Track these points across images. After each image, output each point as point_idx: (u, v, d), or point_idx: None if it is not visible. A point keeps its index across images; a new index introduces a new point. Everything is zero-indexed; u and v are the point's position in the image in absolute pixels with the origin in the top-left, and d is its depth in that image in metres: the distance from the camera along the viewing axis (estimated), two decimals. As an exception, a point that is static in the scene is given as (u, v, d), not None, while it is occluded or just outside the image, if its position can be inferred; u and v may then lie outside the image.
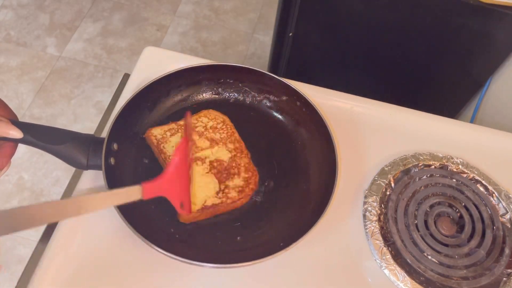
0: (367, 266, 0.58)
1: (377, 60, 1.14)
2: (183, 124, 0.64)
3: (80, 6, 1.97)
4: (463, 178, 0.66)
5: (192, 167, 0.59)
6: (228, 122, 0.66)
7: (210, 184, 0.59)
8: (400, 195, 0.64)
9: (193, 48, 1.89)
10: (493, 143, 0.73)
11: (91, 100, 1.69)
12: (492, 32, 0.96)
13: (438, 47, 1.04)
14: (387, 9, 0.99)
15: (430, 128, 0.73)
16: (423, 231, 0.61)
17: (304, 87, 0.71)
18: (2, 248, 1.34)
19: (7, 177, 1.48)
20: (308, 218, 0.56)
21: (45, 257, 0.54)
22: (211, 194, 0.58)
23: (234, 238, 0.57)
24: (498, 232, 0.62)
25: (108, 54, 1.83)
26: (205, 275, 0.55)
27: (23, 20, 1.88)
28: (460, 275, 0.58)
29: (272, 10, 2.06)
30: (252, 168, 0.62)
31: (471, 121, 1.13)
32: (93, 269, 0.54)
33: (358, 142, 0.70)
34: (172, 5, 2.03)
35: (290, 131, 0.67)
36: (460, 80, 1.12)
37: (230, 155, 0.62)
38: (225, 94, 0.70)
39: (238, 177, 0.60)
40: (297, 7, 1.02)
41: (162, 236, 0.55)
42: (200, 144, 0.62)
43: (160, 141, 0.61)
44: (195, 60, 0.73)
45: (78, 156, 0.55)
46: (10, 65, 1.74)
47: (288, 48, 1.15)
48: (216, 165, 0.61)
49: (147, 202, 0.58)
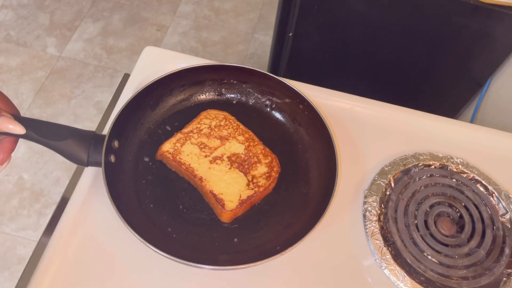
0: (367, 266, 0.58)
1: (377, 60, 1.14)
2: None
3: (80, 6, 1.97)
4: (463, 178, 0.66)
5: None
6: (229, 117, 0.66)
7: (238, 178, 0.60)
8: (400, 195, 0.64)
9: (193, 48, 1.89)
10: (493, 143, 0.73)
11: (91, 100, 1.69)
12: (492, 32, 0.96)
13: (438, 47, 1.04)
14: (387, 9, 0.99)
15: (430, 128, 0.73)
16: (423, 231, 0.61)
17: (304, 87, 0.71)
18: (2, 248, 1.34)
19: (7, 177, 1.48)
20: (307, 221, 0.56)
21: (45, 257, 0.54)
22: (242, 188, 0.59)
23: (231, 240, 0.57)
24: (498, 232, 0.62)
25: (108, 54, 1.83)
26: (202, 276, 0.55)
27: (23, 20, 1.88)
28: (460, 275, 0.58)
29: (272, 10, 2.06)
30: (269, 152, 0.63)
31: (471, 121, 1.13)
32: (92, 269, 0.54)
33: (358, 142, 0.70)
34: (172, 5, 2.03)
35: (292, 133, 0.67)
36: (460, 80, 1.12)
37: (243, 146, 0.63)
38: (228, 94, 0.70)
39: (261, 164, 0.62)
40: (297, 7, 1.02)
41: (159, 236, 0.55)
42: (211, 145, 0.63)
43: (175, 154, 0.61)
44: (195, 60, 0.73)
45: (79, 153, 0.55)
46: (10, 65, 1.74)
47: (288, 48, 1.15)
48: (234, 159, 0.62)
49: (146, 201, 0.58)
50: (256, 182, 0.60)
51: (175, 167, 0.61)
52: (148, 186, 0.60)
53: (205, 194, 0.59)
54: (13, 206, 1.43)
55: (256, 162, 0.62)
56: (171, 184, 0.61)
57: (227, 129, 0.65)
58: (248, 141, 0.64)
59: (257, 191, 0.59)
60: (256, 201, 0.60)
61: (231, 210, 0.57)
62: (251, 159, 0.62)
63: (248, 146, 0.63)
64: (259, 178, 0.61)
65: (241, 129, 0.65)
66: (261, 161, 0.62)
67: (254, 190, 0.59)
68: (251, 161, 0.62)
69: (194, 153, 0.62)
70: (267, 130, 0.67)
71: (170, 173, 0.62)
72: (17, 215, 1.41)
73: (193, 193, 0.60)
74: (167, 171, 0.62)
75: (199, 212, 0.59)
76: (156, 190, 0.60)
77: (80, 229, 0.57)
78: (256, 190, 0.59)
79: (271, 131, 0.67)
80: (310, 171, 0.63)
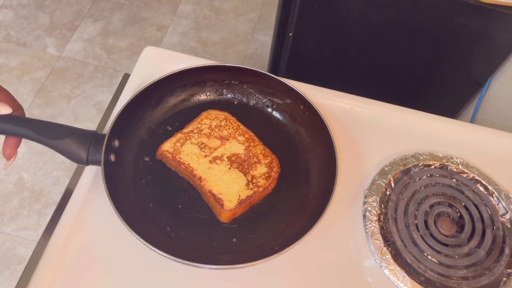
0: (367, 266, 0.58)
1: (377, 60, 1.14)
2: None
3: (80, 6, 1.97)
4: (463, 178, 0.66)
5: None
6: (230, 117, 0.66)
7: (237, 178, 0.60)
8: (400, 195, 0.64)
9: (193, 48, 1.89)
10: (493, 143, 0.73)
11: (91, 100, 1.69)
12: (492, 32, 0.96)
13: (438, 47, 1.04)
14: (387, 9, 0.99)
15: (430, 128, 0.73)
16: (423, 231, 0.61)
17: (304, 87, 0.71)
18: (2, 248, 1.34)
19: (7, 177, 1.48)
20: (306, 222, 0.56)
21: (45, 257, 0.54)
22: (242, 188, 0.59)
23: (230, 240, 0.57)
24: (498, 232, 0.62)
25: (108, 54, 1.83)
26: (200, 275, 0.55)
27: (23, 20, 1.88)
28: (460, 275, 0.58)
29: (272, 10, 2.06)
30: (269, 153, 0.63)
31: (471, 121, 1.13)
32: (92, 269, 0.54)
33: (358, 142, 0.70)
34: (172, 5, 2.03)
35: (293, 134, 0.67)
36: (460, 80, 1.12)
37: (243, 146, 0.63)
38: (229, 95, 0.70)
39: (260, 164, 0.62)
40: (297, 7, 1.02)
41: (158, 235, 0.55)
42: (212, 145, 0.63)
43: (174, 154, 0.61)
44: (195, 60, 0.73)
45: (78, 151, 0.55)
46: (10, 65, 1.74)
47: (288, 48, 1.15)
48: (234, 159, 0.62)
49: (146, 200, 0.58)
50: (255, 182, 0.60)
51: (175, 167, 0.62)
52: (147, 186, 0.60)
53: (204, 194, 0.59)
54: (13, 206, 1.43)
55: (256, 162, 0.62)
56: (170, 183, 0.61)
57: (227, 129, 0.65)
58: (248, 142, 0.64)
59: (256, 191, 0.59)
60: (255, 201, 0.60)
61: (229, 210, 0.57)
62: (251, 159, 0.62)
63: (248, 147, 0.63)
64: (258, 178, 0.61)
65: (242, 129, 0.65)
66: (261, 162, 0.62)
67: (254, 190, 0.59)
68: (251, 161, 0.62)
69: (194, 153, 0.62)
70: (267, 130, 0.67)
71: (170, 173, 0.62)
72: (17, 215, 1.41)
73: (192, 193, 0.60)
74: (167, 170, 0.62)
75: (198, 212, 0.59)
76: (156, 190, 0.60)
77: (80, 229, 0.57)
78: (256, 190, 0.59)
79: (272, 132, 0.67)
80: (310, 172, 0.63)
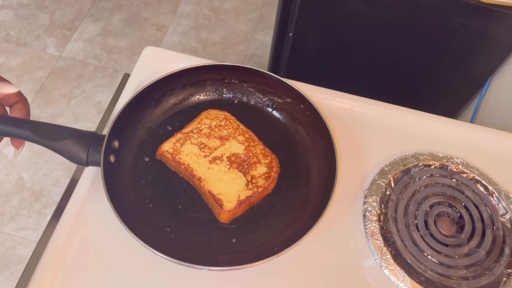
0: (367, 266, 0.58)
1: (377, 60, 1.14)
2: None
3: (80, 6, 1.97)
4: (463, 178, 0.66)
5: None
6: (230, 117, 0.66)
7: (237, 178, 0.60)
8: (400, 195, 0.64)
9: (193, 48, 1.90)
10: (493, 143, 0.73)
11: (91, 100, 1.69)
12: (492, 32, 0.96)
13: (438, 47, 1.04)
14: (387, 9, 0.99)
15: (430, 128, 0.73)
16: (423, 231, 0.61)
17: (304, 87, 0.71)
18: (2, 248, 1.34)
19: (7, 177, 1.48)
20: (306, 222, 0.56)
21: (45, 257, 0.54)
22: (241, 188, 0.59)
23: (229, 240, 0.57)
24: (498, 232, 0.62)
25: (108, 54, 1.83)
26: (200, 276, 0.55)
27: (23, 20, 1.88)
28: (460, 275, 0.58)
29: (272, 10, 2.06)
30: (269, 153, 0.63)
31: (471, 121, 1.13)
32: (92, 270, 0.54)
33: (358, 142, 0.70)
34: (172, 5, 2.03)
35: (293, 133, 0.67)
36: (460, 80, 1.12)
37: (243, 146, 0.63)
38: (229, 94, 0.70)
39: (260, 164, 0.62)
40: (297, 7, 1.02)
41: (158, 236, 0.55)
42: (211, 145, 0.63)
43: (174, 154, 0.61)
44: (195, 60, 0.73)
45: (78, 152, 0.55)
46: (10, 65, 1.74)
47: (288, 48, 1.15)
48: (234, 159, 0.62)
49: (145, 200, 0.58)
50: (255, 183, 0.60)
51: (175, 167, 0.61)
52: (147, 186, 0.60)
53: (204, 194, 0.59)
54: (13, 206, 1.43)
55: (256, 162, 0.62)
56: (170, 184, 0.61)
57: (227, 129, 0.65)
58: (248, 141, 0.64)
59: (256, 192, 0.59)
60: (255, 201, 0.60)
61: (229, 211, 0.57)
62: (251, 159, 0.62)
63: (248, 146, 0.63)
64: (258, 178, 0.60)
65: (241, 129, 0.65)
66: (260, 161, 0.62)
67: (253, 190, 0.59)
68: (251, 161, 0.62)
69: (194, 153, 0.62)
70: (268, 130, 0.67)
71: (169, 173, 0.62)
72: (17, 215, 1.41)
73: (192, 193, 0.60)
74: (167, 171, 0.62)
75: (198, 212, 0.59)
76: (156, 190, 0.60)
77: (80, 229, 0.57)
78: (255, 191, 0.59)
79: (272, 131, 0.67)
80: (310, 172, 0.63)
